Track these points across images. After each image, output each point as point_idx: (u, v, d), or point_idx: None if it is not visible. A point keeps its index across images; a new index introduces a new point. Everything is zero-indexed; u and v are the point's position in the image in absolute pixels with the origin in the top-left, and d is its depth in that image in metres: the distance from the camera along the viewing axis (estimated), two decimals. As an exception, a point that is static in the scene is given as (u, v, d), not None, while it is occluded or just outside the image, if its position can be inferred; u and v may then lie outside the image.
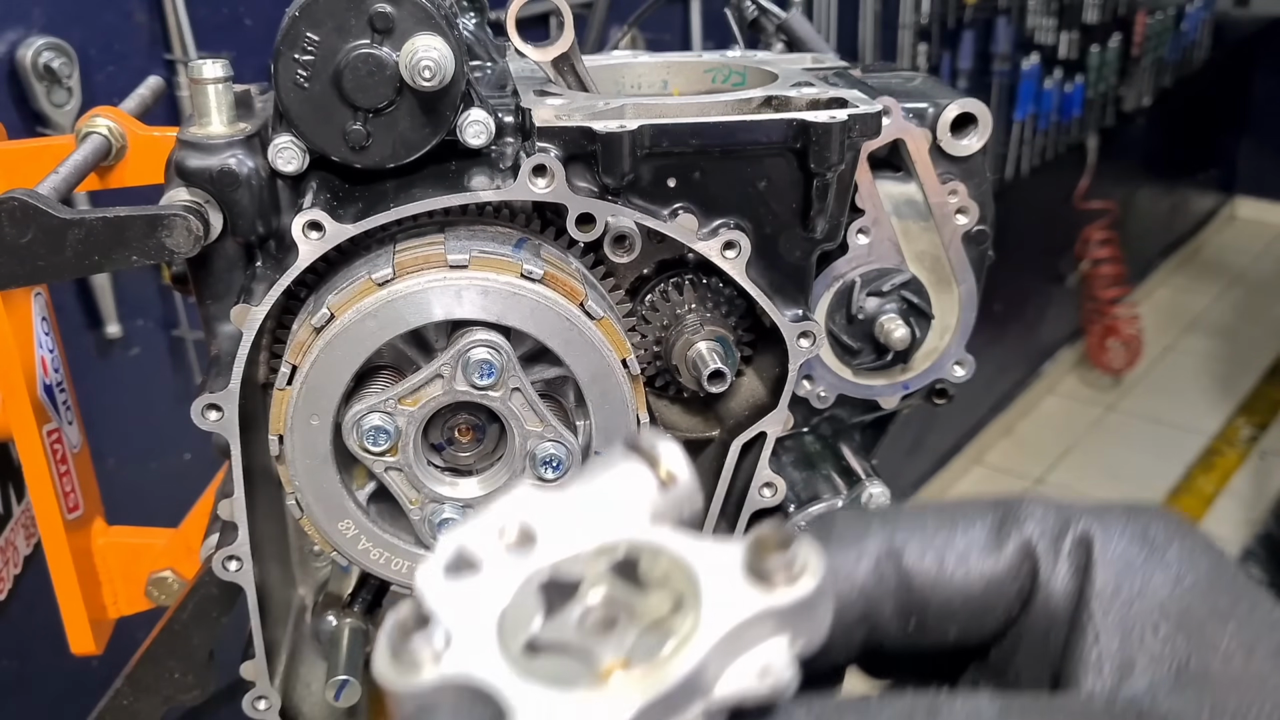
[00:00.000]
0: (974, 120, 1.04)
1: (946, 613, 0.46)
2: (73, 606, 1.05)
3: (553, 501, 0.44)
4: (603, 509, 0.44)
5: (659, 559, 0.42)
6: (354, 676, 1.02)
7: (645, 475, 0.45)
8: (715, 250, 0.93)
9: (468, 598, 0.41)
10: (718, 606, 0.40)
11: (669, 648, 0.39)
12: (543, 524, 0.43)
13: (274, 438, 0.92)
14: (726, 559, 0.41)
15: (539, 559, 0.42)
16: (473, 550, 0.42)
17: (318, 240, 0.90)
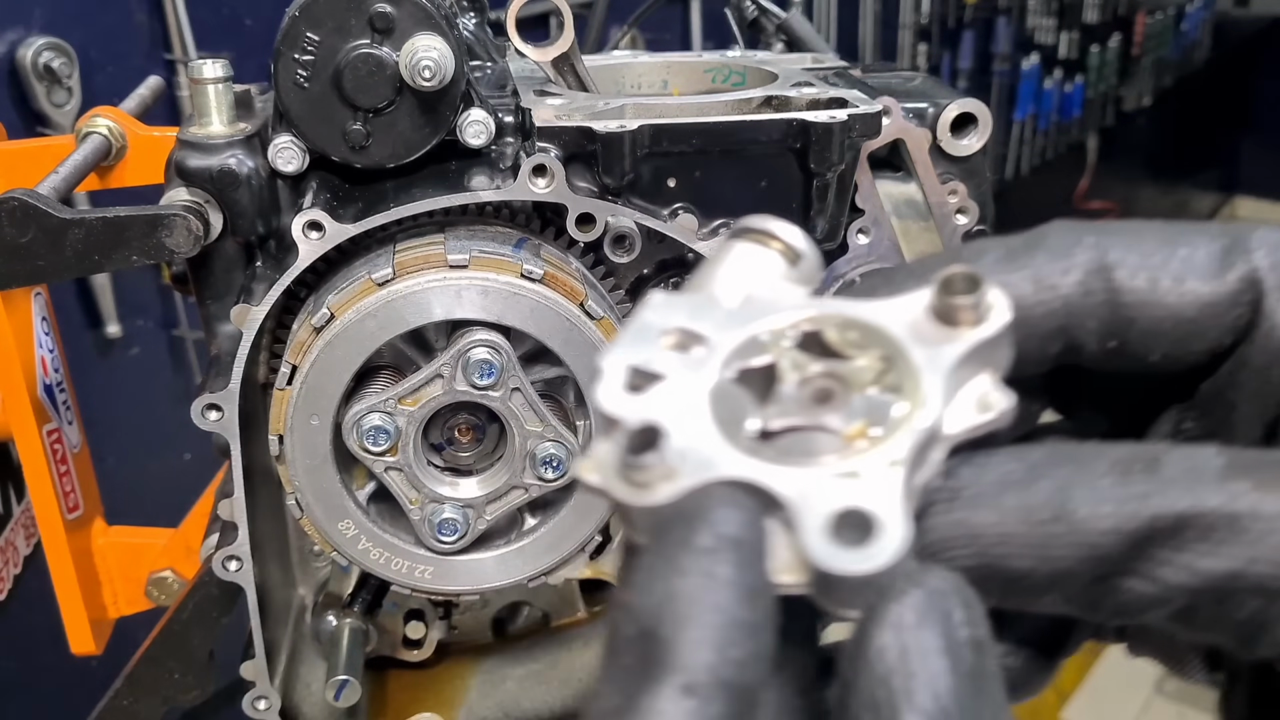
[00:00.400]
0: (974, 120, 1.03)
1: (1153, 333, 0.43)
2: (73, 606, 1.05)
3: (695, 301, 0.42)
4: (751, 297, 0.42)
5: (845, 327, 0.41)
6: (354, 676, 1.02)
7: (769, 255, 0.43)
8: (716, 251, 0.93)
9: (669, 405, 0.38)
10: (928, 357, 0.39)
11: (899, 407, 0.38)
12: (701, 323, 0.41)
13: (274, 438, 0.92)
14: (912, 311, 0.40)
15: (720, 353, 0.40)
16: (646, 363, 0.40)
17: (318, 240, 0.90)
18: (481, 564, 0.96)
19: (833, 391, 0.40)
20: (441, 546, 0.94)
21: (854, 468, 0.37)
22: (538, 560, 0.96)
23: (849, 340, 0.41)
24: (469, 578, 0.96)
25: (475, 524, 0.94)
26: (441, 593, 0.99)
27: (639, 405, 0.38)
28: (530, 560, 0.96)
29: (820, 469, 0.37)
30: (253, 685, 1.01)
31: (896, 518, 0.36)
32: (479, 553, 0.96)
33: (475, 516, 0.94)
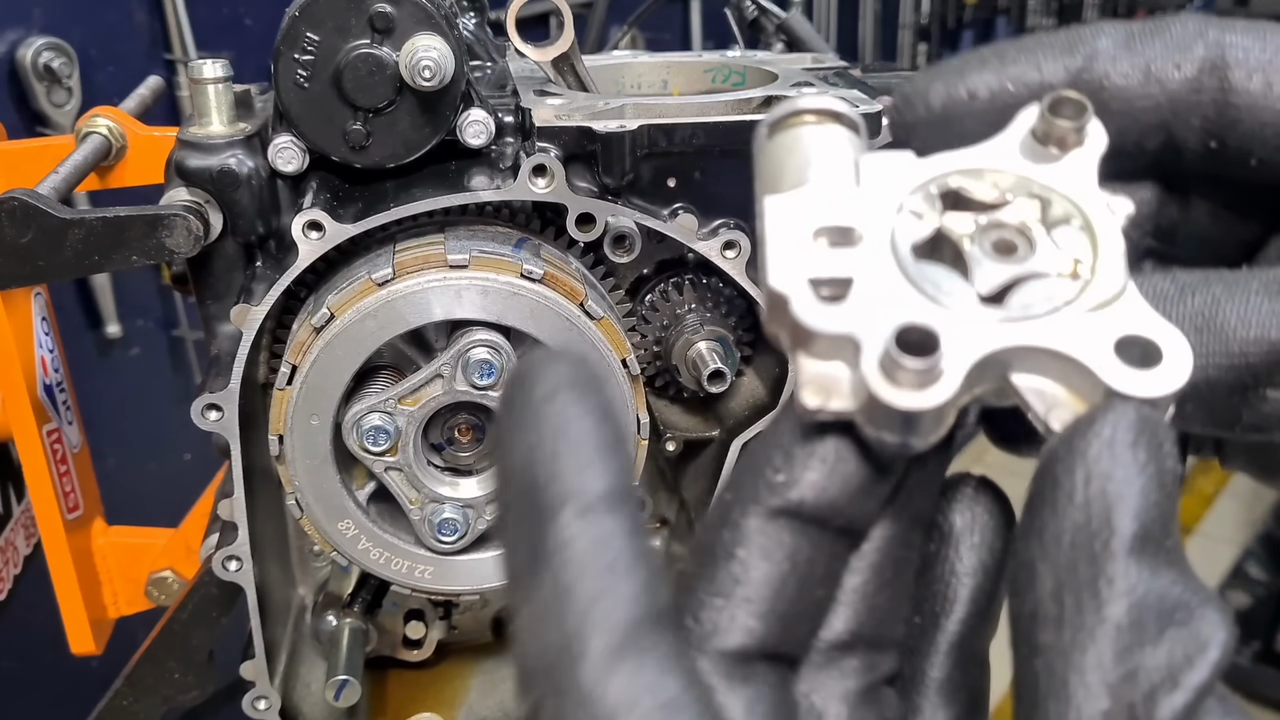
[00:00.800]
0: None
1: (1257, 137, 0.43)
2: (73, 606, 1.05)
3: (812, 197, 0.40)
4: (854, 174, 0.41)
5: (976, 176, 0.41)
6: (354, 676, 1.02)
7: (834, 131, 0.41)
8: (715, 250, 0.93)
9: (880, 303, 0.38)
10: (1067, 181, 0.40)
11: (1077, 234, 0.39)
12: (838, 215, 0.39)
13: (274, 438, 0.92)
14: (1020, 138, 0.41)
15: (883, 236, 0.39)
16: (821, 270, 0.38)
17: (318, 240, 0.90)
18: (481, 564, 0.96)
19: (1012, 240, 0.40)
20: (441, 546, 0.94)
21: (1098, 298, 0.38)
22: (538, 560, 0.96)
23: (989, 187, 0.41)
24: (469, 578, 0.96)
25: (475, 524, 0.94)
26: (441, 593, 0.99)
27: (852, 314, 0.37)
28: (530, 560, 0.96)
29: (1074, 311, 0.37)
30: (252, 685, 1.01)
31: (1175, 337, 0.37)
32: (479, 552, 0.96)
33: (475, 516, 0.94)
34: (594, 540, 0.34)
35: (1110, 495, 0.34)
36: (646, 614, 0.34)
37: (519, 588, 0.35)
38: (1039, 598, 0.35)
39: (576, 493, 0.35)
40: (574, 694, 0.33)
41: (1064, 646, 0.34)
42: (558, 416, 0.36)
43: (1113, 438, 0.35)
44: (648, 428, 0.94)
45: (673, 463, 1.09)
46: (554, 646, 0.33)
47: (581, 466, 0.35)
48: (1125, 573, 0.34)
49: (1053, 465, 0.36)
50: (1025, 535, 0.36)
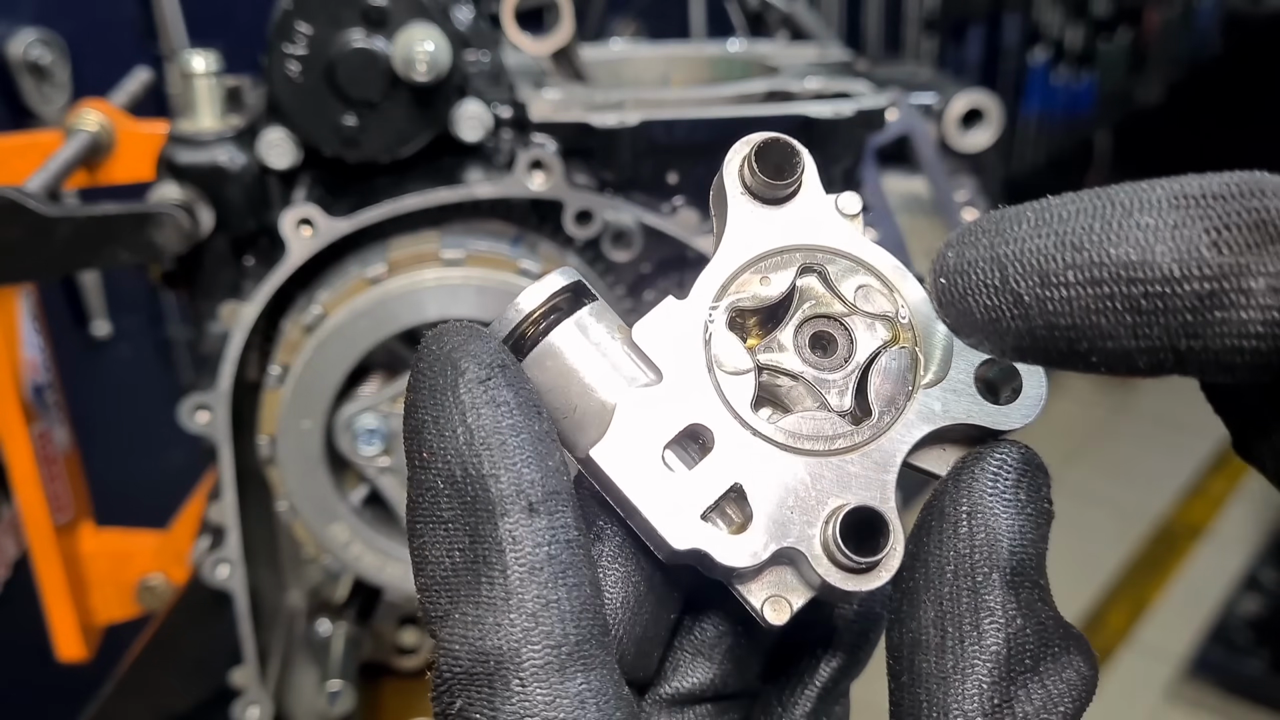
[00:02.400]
0: (982, 115, 1.01)
1: None
2: (60, 612, 1.03)
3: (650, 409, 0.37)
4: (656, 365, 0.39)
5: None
6: (348, 682, 1.00)
7: (578, 320, 0.38)
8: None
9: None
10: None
11: (878, 289, 0.39)
12: (671, 418, 0.38)
13: (264, 439, 0.90)
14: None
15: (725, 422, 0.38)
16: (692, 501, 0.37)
17: (309, 237, 0.88)
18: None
19: (826, 333, 0.39)
20: (436, 551, 0.92)
21: (931, 346, 0.38)
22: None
23: (760, 286, 0.39)
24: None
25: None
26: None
27: (770, 529, 0.36)
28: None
29: (929, 371, 0.38)
30: (243, 692, 0.99)
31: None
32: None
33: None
34: (541, 543, 0.33)
35: (993, 529, 0.35)
36: (590, 632, 0.33)
37: (451, 587, 0.33)
38: (921, 625, 0.35)
39: (522, 490, 0.33)
40: (512, 705, 0.32)
41: (944, 673, 0.34)
42: (494, 404, 0.34)
43: (997, 474, 0.36)
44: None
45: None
46: (495, 652, 0.32)
47: (525, 461, 0.34)
48: (1005, 604, 0.34)
49: (940, 498, 0.36)
50: (911, 565, 0.36)
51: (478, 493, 0.33)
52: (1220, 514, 4.20)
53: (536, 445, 0.34)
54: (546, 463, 0.34)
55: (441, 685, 0.33)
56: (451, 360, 0.35)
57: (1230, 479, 4.40)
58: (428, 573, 0.34)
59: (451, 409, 0.34)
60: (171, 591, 1.06)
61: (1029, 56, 4.71)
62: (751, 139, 0.39)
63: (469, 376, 0.34)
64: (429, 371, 0.35)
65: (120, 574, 1.07)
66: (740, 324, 0.39)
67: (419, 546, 0.34)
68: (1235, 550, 3.54)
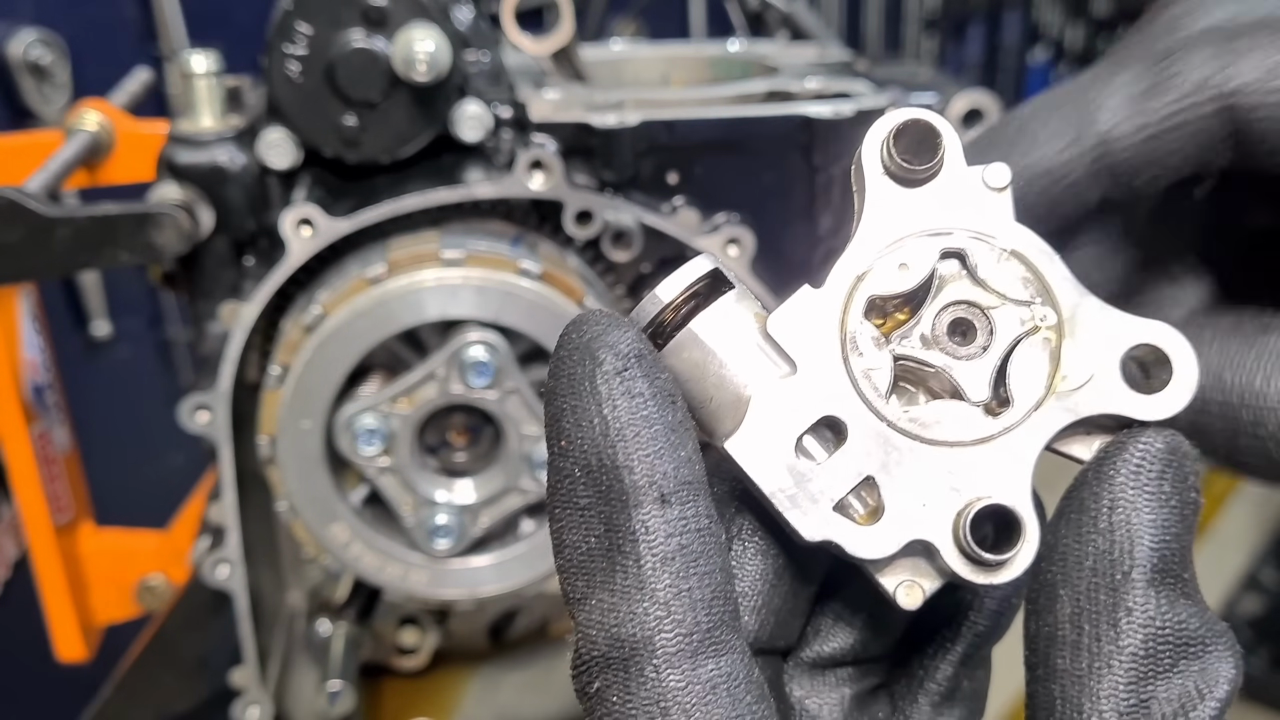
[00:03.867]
0: (983, 114, 1.01)
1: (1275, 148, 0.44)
2: (60, 612, 1.03)
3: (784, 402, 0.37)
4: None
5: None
6: (349, 683, 1.00)
7: (720, 310, 0.38)
8: (718, 247, 0.91)
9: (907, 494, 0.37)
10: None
11: (1020, 273, 0.38)
12: (807, 412, 0.37)
13: (264, 440, 0.90)
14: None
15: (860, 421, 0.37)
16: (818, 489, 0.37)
17: (309, 237, 0.88)
18: (477, 569, 0.94)
19: (964, 320, 0.38)
20: (436, 551, 0.92)
21: (1075, 329, 0.37)
22: (535, 566, 0.94)
23: (900, 275, 0.38)
24: (465, 583, 0.94)
25: (471, 528, 0.92)
26: (436, 599, 0.97)
27: (902, 520, 0.37)
28: (528, 566, 0.94)
29: (1066, 363, 0.37)
30: (243, 692, 0.99)
31: (1171, 338, 0.36)
32: (475, 558, 0.94)
33: (471, 521, 0.92)
34: (673, 533, 0.34)
35: (1134, 525, 0.35)
36: (721, 619, 0.34)
37: (588, 572, 0.35)
38: (1058, 620, 0.35)
39: (655, 481, 0.34)
40: (647, 688, 0.33)
41: (1080, 672, 0.34)
42: (629, 395, 0.35)
43: (1140, 466, 0.35)
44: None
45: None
46: (630, 639, 0.33)
47: (658, 452, 0.34)
48: (1144, 603, 0.34)
49: (1080, 489, 0.36)
50: (1049, 556, 0.36)
51: (612, 483, 0.34)
52: (1220, 514, 4.19)
53: (670, 436, 0.35)
54: (679, 453, 0.35)
55: (580, 666, 0.35)
56: (590, 350, 0.35)
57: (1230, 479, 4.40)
58: (565, 555, 0.35)
59: (589, 399, 0.35)
60: (171, 591, 1.06)
61: (1029, 56, 4.71)
62: (891, 118, 0.38)
63: (606, 367, 0.35)
64: (568, 360, 0.36)
65: (120, 574, 1.07)
66: (878, 310, 0.39)
67: (557, 530, 0.36)
68: (1235, 550, 3.53)
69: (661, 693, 0.33)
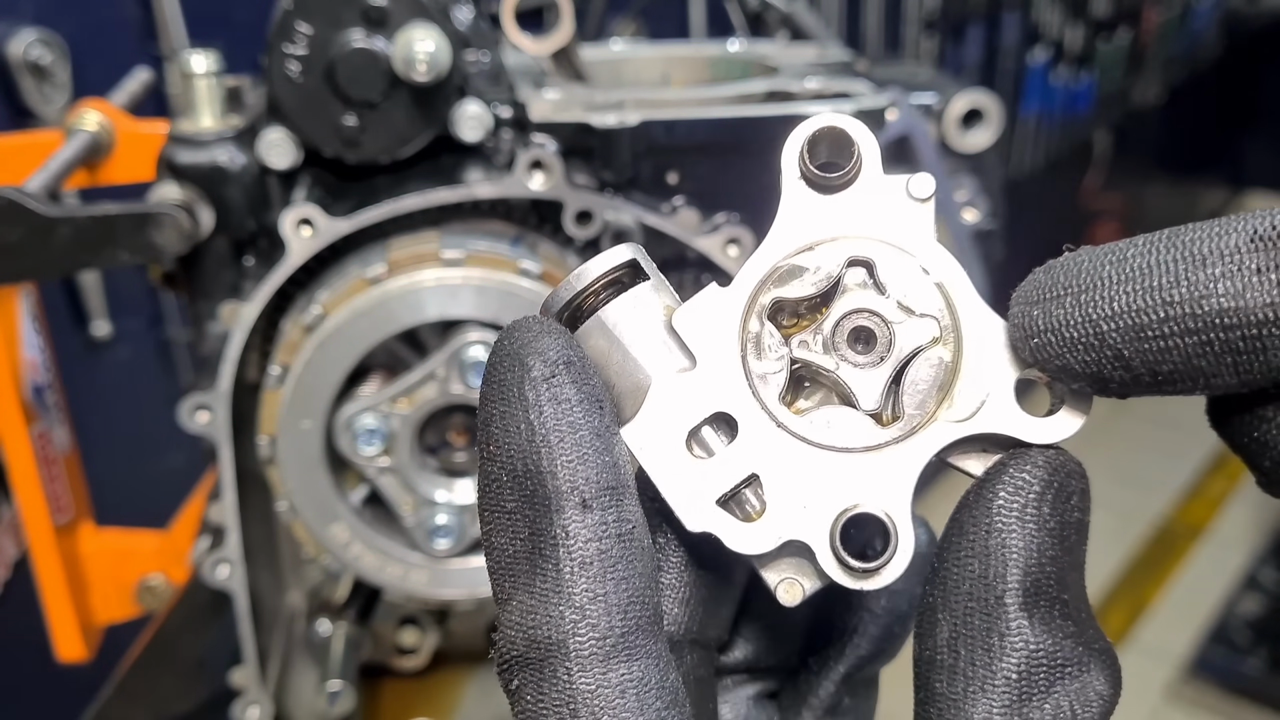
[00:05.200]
0: (982, 115, 1.01)
1: None
2: (60, 612, 1.03)
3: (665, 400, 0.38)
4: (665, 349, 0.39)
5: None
6: (348, 683, 1.00)
7: (628, 299, 0.38)
8: (717, 247, 0.91)
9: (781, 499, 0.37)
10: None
11: (929, 289, 0.38)
12: (685, 412, 0.38)
13: (264, 440, 0.90)
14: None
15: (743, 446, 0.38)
16: (713, 486, 0.38)
17: (309, 237, 0.88)
18: (477, 569, 0.94)
19: (866, 328, 0.38)
20: (436, 551, 0.92)
21: (974, 348, 0.37)
22: (535, 565, 0.94)
23: (806, 279, 0.38)
24: (464, 583, 0.94)
25: (470, 528, 0.92)
26: (436, 599, 0.97)
27: (782, 518, 0.37)
28: (527, 565, 0.94)
29: (964, 375, 0.37)
30: (243, 692, 0.99)
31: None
32: (474, 558, 0.94)
33: (470, 521, 0.92)
34: (592, 538, 0.35)
35: (1009, 548, 0.35)
36: (638, 623, 0.34)
37: (512, 574, 0.35)
38: (936, 644, 0.36)
39: (577, 486, 0.35)
40: (559, 689, 0.34)
41: (956, 696, 0.35)
42: (555, 401, 0.35)
43: (1019, 488, 0.35)
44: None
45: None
46: (545, 640, 0.34)
47: (582, 458, 0.35)
48: (1018, 627, 0.34)
49: (962, 512, 0.36)
50: (931, 579, 0.37)
51: (536, 488, 0.35)
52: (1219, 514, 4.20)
53: (595, 442, 0.35)
54: (604, 458, 0.35)
55: (502, 663, 0.36)
56: (519, 357, 0.36)
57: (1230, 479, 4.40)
58: (494, 558, 0.36)
59: (516, 405, 0.36)
60: (171, 592, 1.06)
61: (1028, 57, 4.71)
62: (808, 124, 0.38)
63: (534, 374, 0.36)
64: (499, 367, 0.36)
65: (120, 574, 1.07)
66: (787, 312, 0.39)
67: (486, 532, 0.36)
68: (1235, 550, 3.54)
69: (572, 694, 0.34)
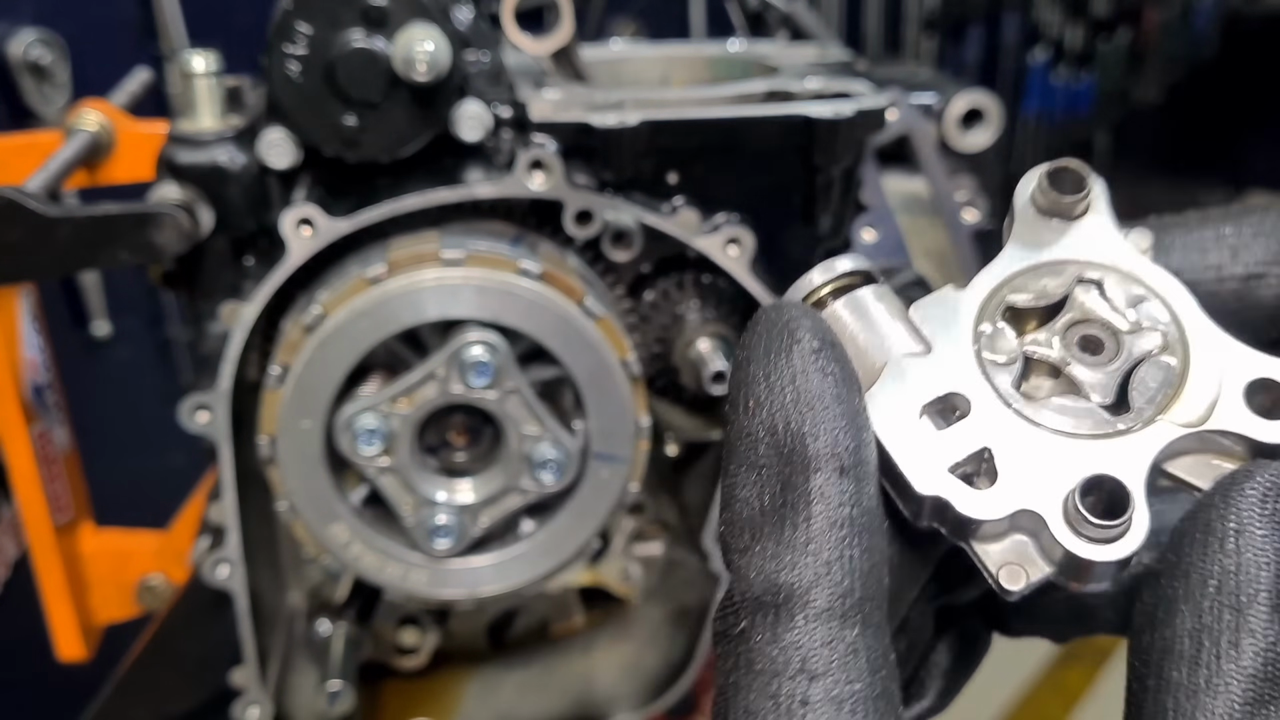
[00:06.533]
0: (982, 115, 1.01)
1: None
2: (60, 611, 1.03)
3: (893, 372, 0.40)
4: (917, 333, 0.41)
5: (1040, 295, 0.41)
6: (348, 683, 1.00)
7: (868, 293, 0.41)
8: (717, 247, 0.91)
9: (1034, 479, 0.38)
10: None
11: (1158, 308, 0.40)
12: (935, 385, 0.40)
13: (264, 439, 0.90)
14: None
15: (988, 392, 0.39)
16: (952, 457, 0.39)
17: (309, 237, 0.88)
18: (477, 569, 0.94)
19: (1096, 336, 0.40)
20: (436, 551, 0.92)
21: (1201, 355, 0.39)
22: (535, 565, 0.94)
23: (1040, 290, 0.41)
24: (464, 583, 0.94)
25: (470, 528, 0.92)
26: (436, 599, 0.97)
27: (1013, 488, 0.38)
28: (527, 565, 0.94)
29: (1191, 380, 0.39)
30: (244, 692, 0.99)
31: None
32: (475, 558, 0.94)
33: (470, 521, 0.92)
34: (845, 503, 0.36)
35: (1261, 550, 0.35)
36: (873, 594, 0.36)
37: (755, 526, 0.37)
38: (1176, 634, 0.36)
39: (837, 452, 0.37)
40: (793, 635, 0.35)
41: (1196, 686, 0.35)
42: (823, 373, 0.37)
43: (1264, 495, 0.36)
44: (648, 429, 0.92)
45: (674, 466, 1.07)
46: (787, 586, 0.35)
47: (844, 428, 0.37)
48: (1267, 627, 0.35)
49: (1205, 512, 0.36)
50: (1169, 572, 0.37)
51: (796, 445, 0.37)
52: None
53: (854, 417, 0.37)
54: (861, 434, 0.37)
55: (730, 607, 0.37)
56: (790, 328, 0.38)
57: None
58: (734, 509, 0.37)
59: (785, 368, 0.38)
60: (172, 591, 1.06)
61: (1028, 56, 4.70)
62: (1050, 164, 0.42)
63: (804, 345, 0.38)
64: (766, 334, 0.38)
65: (120, 574, 1.07)
66: (1013, 318, 0.41)
67: (730, 485, 0.38)
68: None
69: (807, 642, 0.35)
